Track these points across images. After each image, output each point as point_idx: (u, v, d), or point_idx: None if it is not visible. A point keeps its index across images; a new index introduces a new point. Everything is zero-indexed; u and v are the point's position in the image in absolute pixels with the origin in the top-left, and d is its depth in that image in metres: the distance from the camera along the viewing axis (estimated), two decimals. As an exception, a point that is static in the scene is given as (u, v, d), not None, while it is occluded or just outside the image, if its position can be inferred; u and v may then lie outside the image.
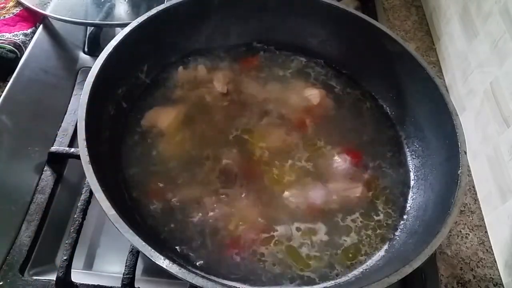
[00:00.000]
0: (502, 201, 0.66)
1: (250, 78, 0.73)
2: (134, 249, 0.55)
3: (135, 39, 0.62)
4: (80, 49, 0.84)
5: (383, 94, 0.72)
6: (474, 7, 0.81)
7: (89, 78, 0.54)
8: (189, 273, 0.42)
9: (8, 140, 0.68)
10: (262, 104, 0.69)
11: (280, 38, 0.76)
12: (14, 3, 0.86)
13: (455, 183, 0.52)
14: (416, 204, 0.61)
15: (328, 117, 0.70)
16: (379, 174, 0.64)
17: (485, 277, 0.65)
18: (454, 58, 0.87)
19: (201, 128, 0.65)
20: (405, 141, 0.68)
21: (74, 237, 0.56)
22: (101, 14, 0.84)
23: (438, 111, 0.60)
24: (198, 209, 0.57)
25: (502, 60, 0.69)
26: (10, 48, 0.78)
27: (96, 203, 0.47)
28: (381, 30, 0.67)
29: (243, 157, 0.63)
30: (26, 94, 0.74)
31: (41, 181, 0.64)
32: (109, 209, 0.44)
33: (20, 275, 0.55)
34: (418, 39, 0.99)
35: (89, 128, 0.50)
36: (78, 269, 0.59)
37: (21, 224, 0.60)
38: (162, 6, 0.65)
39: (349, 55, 0.74)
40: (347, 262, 0.55)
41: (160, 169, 0.60)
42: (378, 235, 0.58)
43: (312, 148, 0.65)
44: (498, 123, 0.68)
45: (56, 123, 0.71)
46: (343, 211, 0.60)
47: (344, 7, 0.70)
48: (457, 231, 0.70)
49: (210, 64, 0.73)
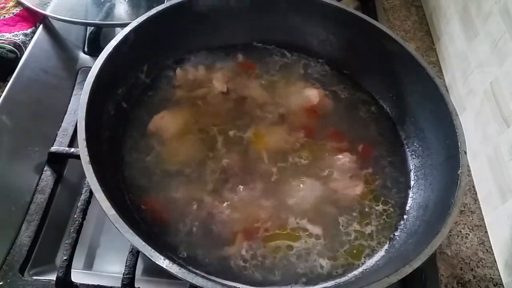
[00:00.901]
0: (502, 201, 0.66)
1: (250, 78, 0.73)
2: (134, 249, 0.55)
3: (135, 39, 0.62)
4: (80, 49, 0.84)
5: (383, 94, 0.72)
6: (474, 7, 0.81)
7: (89, 78, 0.54)
8: (189, 273, 0.42)
9: (8, 140, 0.68)
10: (262, 104, 0.69)
11: (280, 38, 0.76)
12: (14, 3, 0.86)
13: (455, 183, 0.52)
14: (416, 204, 0.61)
15: (327, 117, 0.70)
16: (379, 174, 0.64)
17: (485, 277, 0.65)
18: (454, 58, 0.87)
19: (201, 128, 0.65)
20: (405, 141, 0.68)
21: (74, 237, 0.56)
22: (101, 14, 0.84)
23: (438, 111, 0.60)
24: (198, 209, 0.57)
25: (502, 60, 0.69)
26: (10, 48, 0.78)
27: (96, 203, 0.47)
28: (381, 30, 0.67)
29: (243, 156, 0.63)
30: (26, 94, 0.74)
31: (41, 181, 0.64)
32: (109, 209, 0.44)
33: (20, 275, 0.55)
34: (418, 39, 0.99)
35: (89, 128, 0.50)
36: (78, 269, 0.59)
37: (21, 224, 0.60)
38: (162, 6, 0.65)
39: (349, 55, 0.74)
40: (347, 262, 0.55)
41: (160, 168, 0.60)
42: (378, 235, 0.58)
43: (312, 148, 0.65)
44: (498, 123, 0.68)
45: (56, 123, 0.71)
46: (342, 211, 0.60)
47: (344, 7, 0.70)
48: (457, 231, 0.70)
49: (210, 64, 0.73)
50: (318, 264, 0.55)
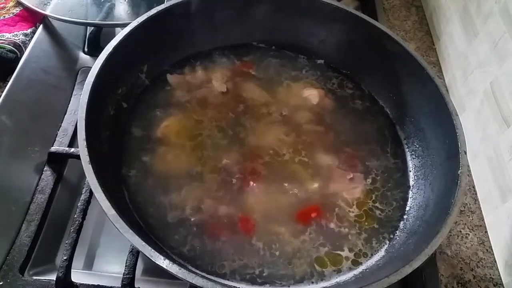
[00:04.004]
0: (502, 201, 0.66)
1: (249, 78, 0.73)
2: (134, 249, 0.55)
3: (135, 39, 0.62)
4: (80, 49, 0.84)
5: (383, 94, 0.72)
6: (474, 7, 0.81)
7: (89, 78, 0.55)
8: (189, 273, 0.42)
9: (8, 140, 0.68)
10: (262, 104, 0.69)
11: (280, 38, 0.76)
12: (14, 3, 0.86)
13: (455, 183, 0.52)
14: (416, 204, 0.61)
15: (327, 117, 0.70)
16: (379, 174, 0.64)
17: (485, 277, 0.65)
18: (454, 58, 0.87)
19: (200, 128, 0.65)
20: (405, 141, 0.68)
21: (74, 237, 0.56)
22: (101, 14, 0.84)
23: (438, 111, 0.60)
24: (198, 209, 0.57)
25: (502, 60, 0.69)
26: (10, 48, 0.78)
27: (96, 203, 0.47)
28: (381, 30, 0.67)
29: (243, 156, 0.63)
30: (26, 94, 0.74)
31: (41, 181, 0.64)
32: (109, 209, 0.44)
33: (20, 275, 0.55)
34: (418, 39, 0.99)
35: (89, 128, 0.50)
36: (78, 269, 0.59)
37: (21, 224, 0.60)
38: (162, 6, 0.65)
39: (349, 55, 0.74)
40: (347, 262, 0.55)
41: (160, 168, 0.60)
42: (378, 235, 0.58)
43: (312, 148, 0.65)
44: (498, 123, 0.68)
45: (56, 123, 0.71)
46: (342, 211, 0.60)
47: (344, 7, 0.70)
48: (457, 231, 0.70)
49: (209, 64, 0.73)
50: (317, 263, 0.55)
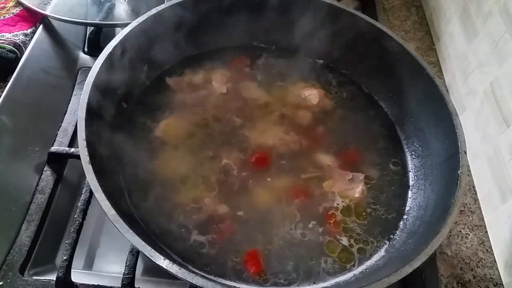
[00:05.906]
0: (502, 201, 0.66)
1: (250, 79, 0.73)
2: (134, 249, 0.55)
3: (135, 39, 0.62)
4: (80, 49, 0.84)
5: (383, 94, 0.72)
6: (474, 7, 0.81)
7: (89, 78, 0.55)
8: (189, 273, 0.42)
9: (8, 140, 0.68)
10: (261, 104, 0.70)
11: (280, 38, 0.76)
12: (14, 3, 0.86)
13: (455, 183, 0.52)
14: (416, 204, 0.61)
15: (327, 117, 0.70)
16: (379, 174, 0.64)
17: (485, 277, 0.65)
18: (454, 58, 0.87)
19: (201, 128, 0.65)
20: (405, 141, 0.68)
21: (74, 237, 0.56)
22: (101, 14, 0.84)
23: (438, 111, 0.60)
24: (198, 209, 0.57)
25: (502, 60, 0.69)
26: (10, 48, 0.78)
27: (96, 203, 0.47)
28: (381, 30, 0.67)
29: (243, 156, 0.63)
30: (26, 94, 0.74)
31: (41, 181, 0.64)
32: (109, 209, 0.44)
33: (20, 275, 0.55)
34: (418, 39, 0.99)
35: (89, 128, 0.50)
36: (78, 269, 0.59)
37: (21, 224, 0.60)
38: (162, 6, 0.65)
39: (349, 55, 0.74)
40: (347, 262, 0.55)
41: (160, 168, 0.60)
42: (378, 235, 0.58)
43: (312, 148, 0.65)
44: (498, 123, 0.68)
45: (56, 123, 0.71)
46: (342, 211, 0.60)
47: (344, 7, 0.70)
48: (457, 231, 0.70)
49: (209, 64, 0.73)
50: (318, 263, 0.55)
